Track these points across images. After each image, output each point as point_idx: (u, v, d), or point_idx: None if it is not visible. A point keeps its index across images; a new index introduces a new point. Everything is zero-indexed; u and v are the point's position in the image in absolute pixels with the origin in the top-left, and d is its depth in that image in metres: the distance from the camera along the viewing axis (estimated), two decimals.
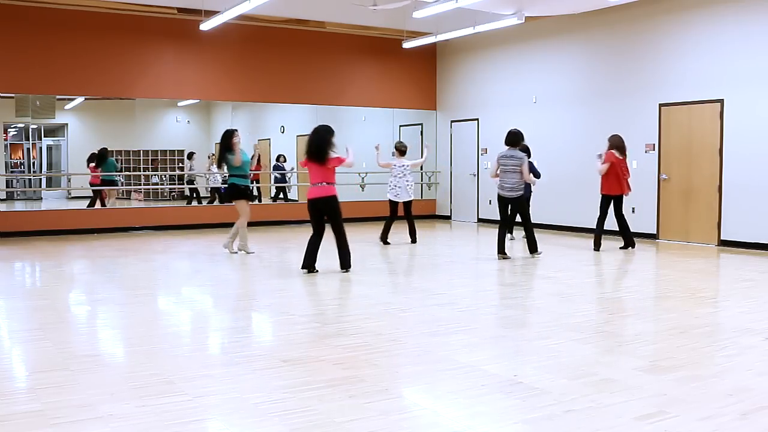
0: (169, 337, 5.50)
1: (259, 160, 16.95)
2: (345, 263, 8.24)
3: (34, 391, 3.96)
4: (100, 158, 14.58)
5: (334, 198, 8.07)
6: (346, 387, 4.00)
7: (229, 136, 9.62)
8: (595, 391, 3.91)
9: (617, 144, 10.17)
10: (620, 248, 10.37)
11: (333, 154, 8.09)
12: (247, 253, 9.73)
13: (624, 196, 10.27)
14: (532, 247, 9.55)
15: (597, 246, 10.27)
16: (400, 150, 11.08)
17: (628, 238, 10.35)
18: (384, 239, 10.98)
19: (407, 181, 10.96)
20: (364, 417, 3.53)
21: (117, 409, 3.62)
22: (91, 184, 14.76)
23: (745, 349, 4.87)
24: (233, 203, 9.75)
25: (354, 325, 5.60)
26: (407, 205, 11.05)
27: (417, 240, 11.16)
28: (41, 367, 4.48)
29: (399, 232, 11.41)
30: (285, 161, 17.01)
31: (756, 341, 5.08)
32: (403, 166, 10.95)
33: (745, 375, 4.28)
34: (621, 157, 10.15)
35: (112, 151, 16.30)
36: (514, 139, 9.40)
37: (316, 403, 3.71)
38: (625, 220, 10.32)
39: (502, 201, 9.49)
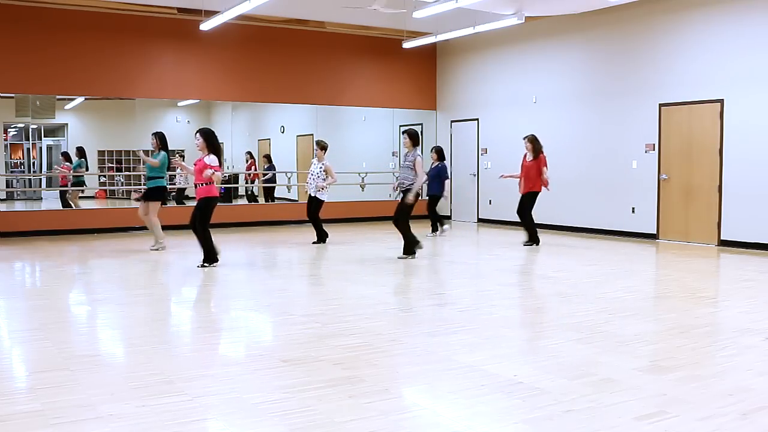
0: (169, 337, 5.50)
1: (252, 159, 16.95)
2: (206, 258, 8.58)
3: (34, 391, 3.96)
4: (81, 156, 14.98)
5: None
6: (346, 387, 4.00)
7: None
8: (595, 391, 3.91)
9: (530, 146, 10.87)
10: (523, 244, 10.88)
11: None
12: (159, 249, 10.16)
13: (531, 193, 10.80)
14: (405, 249, 9.35)
15: (531, 240, 10.87)
16: (321, 146, 10.94)
17: (531, 234, 10.93)
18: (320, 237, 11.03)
19: (319, 179, 10.79)
20: (364, 417, 3.53)
21: (117, 409, 3.62)
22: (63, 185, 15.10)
23: (745, 349, 4.87)
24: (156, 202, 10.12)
25: (354, 325, 5.60)
26: (314, 202, 10.92)
27: (320, 242, 11.02)
28: (41, 367, 4.48)
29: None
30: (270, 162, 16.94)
31: (756, 341, 5.08)
32: (319, 167, 10.83)
33: (745, 375, 4.28)
34: (530, 159, 10.78)
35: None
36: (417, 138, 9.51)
37: (316, 403, 3.71)
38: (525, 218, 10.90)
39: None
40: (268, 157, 16.89)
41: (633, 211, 11.91)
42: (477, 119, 15.08)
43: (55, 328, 5.56)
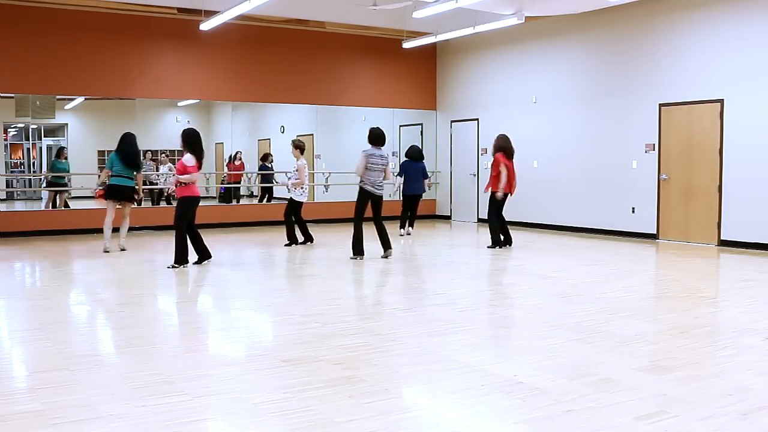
0: (169, 337, 5.50)
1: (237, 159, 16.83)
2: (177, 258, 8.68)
3: (34, 391, 3.96)
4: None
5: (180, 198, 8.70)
6: (346, 387, 4.00)
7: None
8: (595, 391, 3.91)
9: (503, 146, 10.46)
10: (498, 246, 10.60)
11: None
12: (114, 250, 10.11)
13: (509, 195, 10.51)
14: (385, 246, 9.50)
15: (495, 243, 10.49)
16: (296, 145, 10.88)
17: (506, 235, 10.63)
18: (294, 239, 11.02)
19: (292, 179, 10.91)
20: (364, 417, 3.53)
21: (117, 409, 3.62)
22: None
23: (745, 349, 4.87)
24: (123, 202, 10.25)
25: (354, 325, 5.60)
26: (290, 203, 10.96)
27: (311, 240, 11.15)
28: (41, 367, 4.48)
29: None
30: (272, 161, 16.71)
31: (756, 341, 5.08)
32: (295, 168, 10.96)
33: (745, 375, 4.28)
34: (507, 160, 10.43)
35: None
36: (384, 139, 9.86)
37: (316, 403, 3.71)
38: (503, 219, 10.62)
39: (375, 199, 9.64)
40: (264, 157, 16.71)
41: (633, 211, 11.91)
42: (477, 119, 15.08)
43: (55, 328, 5.56)
